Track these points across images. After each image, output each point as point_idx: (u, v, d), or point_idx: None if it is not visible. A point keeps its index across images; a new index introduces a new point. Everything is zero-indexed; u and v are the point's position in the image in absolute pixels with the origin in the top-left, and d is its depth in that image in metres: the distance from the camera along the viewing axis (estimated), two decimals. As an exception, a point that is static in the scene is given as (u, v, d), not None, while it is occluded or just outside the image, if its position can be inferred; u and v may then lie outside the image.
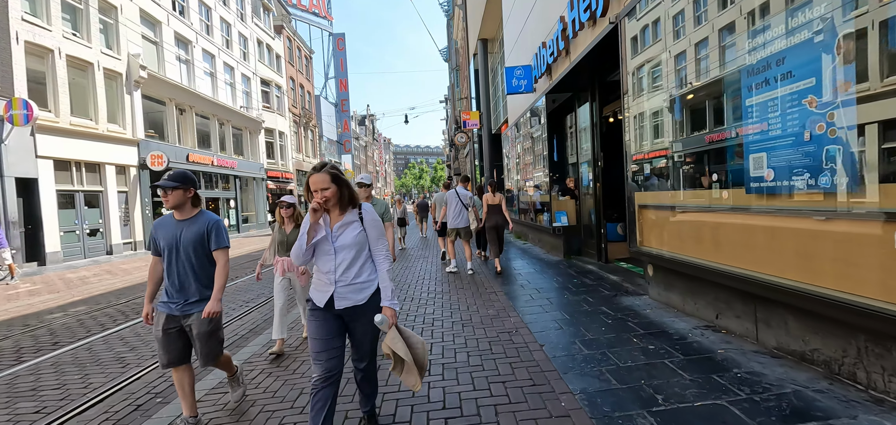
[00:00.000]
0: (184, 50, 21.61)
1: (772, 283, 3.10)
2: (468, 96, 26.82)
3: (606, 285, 5.96)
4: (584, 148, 8.28)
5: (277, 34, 34.08)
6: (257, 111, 29.10)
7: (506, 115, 18.44)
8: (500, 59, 19.58)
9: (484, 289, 6.39)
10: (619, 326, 4.15)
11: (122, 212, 16.70)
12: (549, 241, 9.49)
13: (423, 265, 9.04)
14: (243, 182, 27.31)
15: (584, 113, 8.19)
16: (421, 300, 5.98)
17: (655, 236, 4.81)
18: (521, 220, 12.31)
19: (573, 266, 7.60)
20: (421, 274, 8.04)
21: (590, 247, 8.08)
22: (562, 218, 8.57)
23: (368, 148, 75.27)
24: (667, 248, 4.54)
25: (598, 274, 6.74)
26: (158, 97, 19.29)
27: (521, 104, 11.22)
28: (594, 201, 7.66)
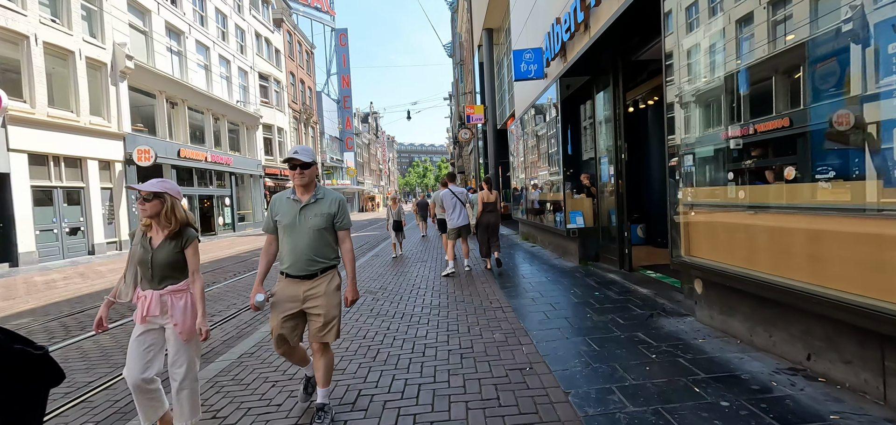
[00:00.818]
0: (176, 41, 20.73)
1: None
2: (472, 91, 25.81)
3: (636, 301, 4.94)
4: (603, 140, 7.26)
5: (277, 28, 33.19)
6: (255, 106, 28.22)
7: (512, 109, 17.43)
8: (506, 50, 18.56)
9: (488, 301, 5.39)
10: (667, 364, 3.14)
11: (106, 210, 15.83)
12: (561, 245, 8.47)
13: (419, 271, 8.05)
14: (239, 179, 26.44)
15: (603, 99, 7.16)
16: (413, 317, 4.99)
17: (708, 244, 3.79)
18: (528, 221, 11.29)
19: (592, 274, 6.58)
20: (416, 282, 7.05)
21: (610, 253, 7.05)
22: (577, 219, 7.55)
23: (371, 146, 74.37)
24: (726, 260, 3.52)
25: (624, 285, 5.72)
26: (148, 90, 18.43)
27: (530, 93, 10.20)
28: (616, 200, 6.63)
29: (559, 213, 8.06)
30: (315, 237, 2.59)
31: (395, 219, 10.36)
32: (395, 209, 10.36)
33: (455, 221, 7.39)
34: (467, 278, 7.08)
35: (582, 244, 7.49)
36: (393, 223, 10.31)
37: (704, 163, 3.96)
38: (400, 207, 10.45)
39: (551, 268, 7.37)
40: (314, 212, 2.61)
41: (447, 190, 7.51)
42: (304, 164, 2.57)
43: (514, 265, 8.07)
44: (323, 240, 2.62)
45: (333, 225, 2.67)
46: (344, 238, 2.72)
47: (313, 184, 2.67)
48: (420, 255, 10.14)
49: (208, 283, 8.60)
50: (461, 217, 7.39)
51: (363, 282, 7.30)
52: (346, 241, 2.74)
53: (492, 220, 7.38)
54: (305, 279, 2.60)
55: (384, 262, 9.31)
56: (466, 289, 6.29)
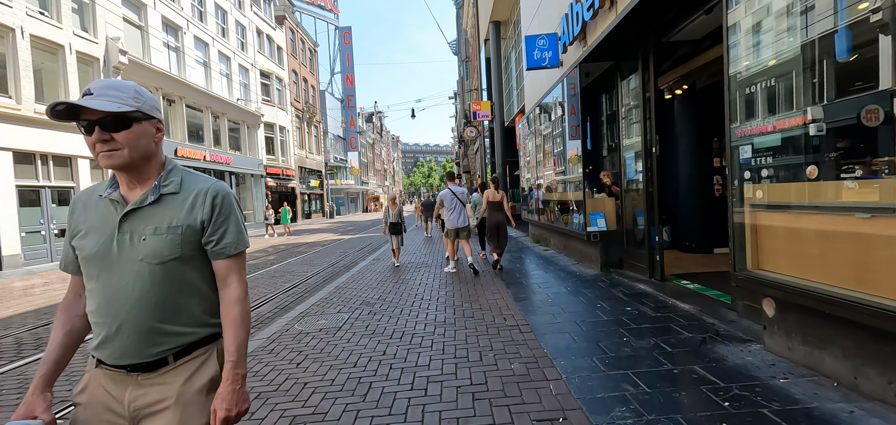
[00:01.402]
0: (173, 36, 20.15)
1: None
2: (478, 87, 25.05)
3: (679, 319, 4.15)
4: (628, 133, 6.47)
5: (279, 25, 32.62)
6: (256, 104, 27.65)
7: (521, 105, 16.63)
8: (514, 43, 17.78)
9: (501, 317, 4.64)
10: (750, 420, 2.37)
11: (99, 211, 15.21)
12: (579, 249, 7.68)
13: (423, 279, 7.30)
14: (240, 178, 25.87)
15: (630, 87, 6.38)
16: (415, 337, 4.24)
17: (788, 255, 3.01)
18: (540, 223, 10.51)
19: (618, 284, 5.80)
20: (419, 292, 6.30)
21: (636, 259, 6.26)
22: (598, 221, 6.77)
23: (376, 145, 73.80)
24: (818, 277, 2.74)
25: (659, 298, 4.94)
26: (144, 86, 17.79)
27: (544, 83, 9.42)
28: (645, 200, 5.85)
29: (578, 215, 7.28)
30: (156, 278, 1.22)
31: (392, 221, 8.68)
32: (394, 210, 8.72)
33: (453, 221, 7.37)
34: (475, 285, 6.33)
35: (604, 249, 6.71)
36: (390, 225, 8.69)
37: (781, 154, 3.17)
38: (399, 208, 8.81)
39: (569, 276, 6.59)
40: (152, 222, 1.25)
41: (447, 189, 7.56)
42: (113, 120, 1.18)
43: (526, 271, 7.30)
44: (176, 285, 1.26)
45: (203, 248, 1.31)
46: (228, 275, 1.32)
47: (154, 164, 1.32)
48: (423, 259, 9.39)
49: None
50: (461, 217, 7.38)
51: (360, 291, 6.57)
52: (231, 284, 1.32)
53: (500, 220, 7.38)
54: (141, 372, 1.23)
55: (385, 268, 8.58)
56: (475, 299, 5.53)
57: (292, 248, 14.78)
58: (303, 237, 19.76)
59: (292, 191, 33.72)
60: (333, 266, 10.26)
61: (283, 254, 13.37)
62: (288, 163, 32.27)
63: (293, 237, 20.10)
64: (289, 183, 32.64)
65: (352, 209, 56.95)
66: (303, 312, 5.55)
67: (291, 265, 10.76)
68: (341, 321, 5.04)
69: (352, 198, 57.62)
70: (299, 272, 9.59)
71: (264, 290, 7.67)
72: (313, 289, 7.54)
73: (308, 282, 8.31)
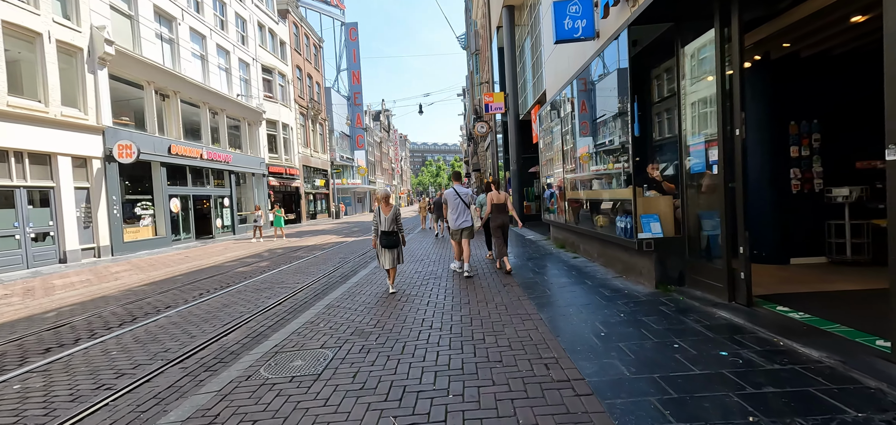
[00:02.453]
0: (166, 27, 19.05)
1: None
2: (490, 80, 23.66)
3: (818, 379, 2.78)
4: (693, 113, 5.08)
5: (282, 19, 31.53)
6: (258, 100, 26.55)
7: (538, 96, 15.25)
8: (530, 29, 16.39)
9: (540, 360, 3.30)
10: None
11: (82, 213, 14.14)
12: (621, 259, 6.30)
13: (430, 294, 5.96)
14: (240, 178, 24.77)
15: (697, 54, 4.98)
16: (419, 397, 2.92)
17: None
18: (567, 225, 9.11)
19: (688, 310, 4.41)
20: (425, 316, 4.97)
21: (705, 274, 4.87)
22: (652, 225, 5.39)
23: (383, 144, 72.70)
24: None
25: (761, 336, 3.56)
26: (134, 80, 16.75)
27: (572, 61, 8.04)
28: (724, 198, 4.45)
29: (623, 218, 5.89)
30: None
31: (384, 230, 6.13)
32: (387, 213, 6.18)
33: (455, 222, 7.25)
34: (497, 305, 4.99)
35: (660, 260, 5.32)
36: (382, 235, 6.15)
37: None
38: (395, 210, 6.23)
39: (617, 296, 5.21)
40: None
41: (451, 189, 7.39)
42: None
43: (558, 287, 5.93)
44: None
45: None
46: None
47: None
48: (432, 268, 8.05)
49: (146, 313, 6.66)
50: (463, 218, 7.23)
51: (355, 311, 5.26)
52: None
53: (503, 221, 7.31)
54: None
55: (385, 283, 7.27)
56: (500, 330, 4.19)
57: (289, 253, 13.55)
58: (304, 239, 18.56)
59: (296, 190, 32.63)
60: (329, 276, 8.98)
61: (280, 259, 12.14)
62: (291, 162, 31.15)
63: (295, 239, 18.91)
64: (292, 182, 31.54)
65: (359, 209, 55.87)
66: (277, 346, 4.27)
67: (283, 274, 9.51)
68: (322, 362, 3.74)
69: (359, 198, 56.55)
70: (289, 283, 8.33)
71: (242, 309, 6.40)
72: (299, 308, 6.25)
73: (296, 297, 7.03)
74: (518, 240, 12.04)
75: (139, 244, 16.18)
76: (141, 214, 16.76)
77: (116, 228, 15.01)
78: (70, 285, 9.56)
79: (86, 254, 14.08)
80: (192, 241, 19.40)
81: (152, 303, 7.12)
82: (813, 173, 6.10)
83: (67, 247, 13.30)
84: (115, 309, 6.87)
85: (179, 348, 4.72)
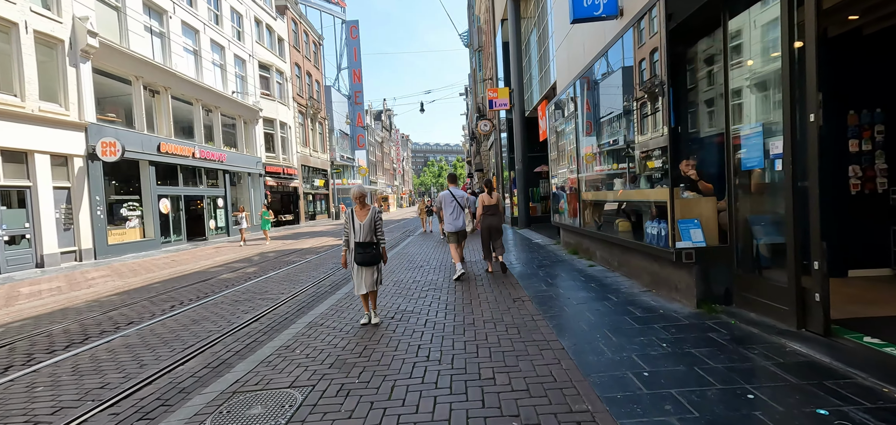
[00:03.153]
0: (157, 20, 18.29)
1: None
2: (493, 77, 22.81)
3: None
4: (748, 98, 4.22)
5: (280, 15, 30.76)
6: (254, 98, 25.78)
7: (544, 91, 14.40)
8: (536, 21, 15.53)
9: (559, 397, 2.46)
10: None
11: (62, 214, 13.36)
12: (650, 271, 5.43)
13: (428, 311, 5.11)
14: (235, 177, 24.00)
15: (754, 25, 4.12)
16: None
17: None
18: (580, 229, 8.24)
19: (747, 340, 3.55)
20: (421, 342, 4.12)
21: (765, 293, 4.00)
22: (693, 233, 4.52)
23: (384, 144, 71.94)
24: None
25: (864, 385, 2.70)
26: (121, 74, 15.99)
27: (590, 46, 7.19)
28: (791, 200, 3.59)
29: (655, 223, 5.02)
30: None
31: (359, 241, 4.66)
32: (363, 218, 4.68)
33: (450, 225, 7.20)
34: (507, 328, 4.13)
35: (703, 274, 4.45)
36: (356, 248, 4.67)
37: None
38: (374, 215, 4.73)
39: (652, 317, 4.34)
40: None
41: (448, 191, 7.31)
42: None
43: (575, 303, 5.07)
44: None
45: None
46: None
47: None
48: (432, 277, 7.20)
49: (112, 328, 5.83)
50: (458, 221, 7.17)
51: (339, 333, 4.42)
52: None
53: (494, 223, 7.25)
54: None
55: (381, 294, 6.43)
56: (514, 365, 3.34)
57: (281, 257, 12.73)
58: (299, 241, 17.75)
59: (295, 190, 31.86)
60: (319, 285, 8.15)
61: (268, 264, 11.32)
62: (289, 162, 30.36)
63: (290, 242, 18.09)
64: (291, 182, 30.76)
65: (360, 209, 55.03)
66: (238, 381, 3.44)
67: (268, 283, 8.68)
68: (288, 410, 2.90)
69: (360, 199, 55.74)
70: (273, 294, 7.50)
71: (212, 326, 5.57)
72: (277, 326, 5.41)
73: (276, 312, 6.19)
74: (525, 243, 11.19)
75: (125, 247, 15.40)
76: (128, 215, 15.98)
77: (100, 230, 14.22)
78: (36, 294, 8.76)
79: (66, 258, 13.30)
80: (183, 244, 18.62)
81: (115, 318, 6.30)
82: (875, 171, 5.22)
83: (45, 250, 12.51)
84: (69, 325, 6.04)
85: (121, 383, 3.88)
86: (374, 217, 4.75)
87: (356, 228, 4.71)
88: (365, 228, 4.70)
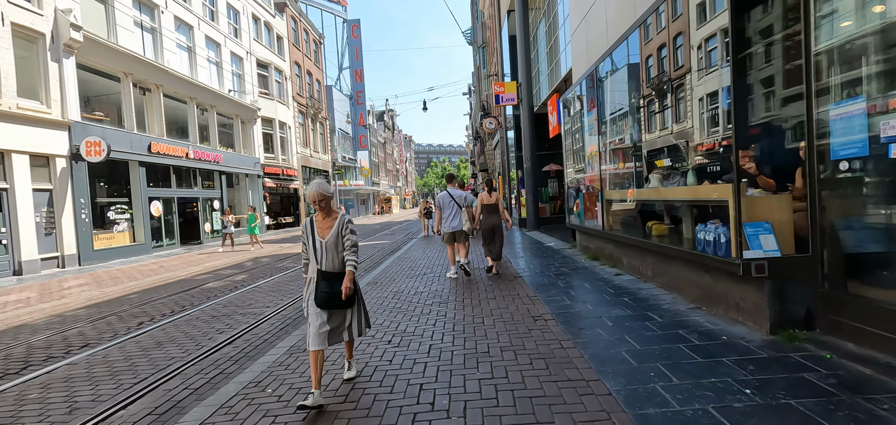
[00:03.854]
0: (148, 15, 17.53)
1: None
2: (498, 72, 21.92)
3: None
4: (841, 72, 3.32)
5: (279, 12, 30.02)
6: (252, 97, 25.02)
7: (554, 85, 13.51)
8: (545, 11, 14.65)
9: None
10: None
11: (43, 218, 12.58)
12: (699, 284, 4.53)
13: (431, 332, 4.23)
14: (232, 179, 23.23)
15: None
16: None
17: None
18: (604, 232, 7.33)
19: (866, 386, 2.65)
20: (420, 379, 3.25)
21: (871, 319, 3.09)
22: (763, 239, 3.61)
23: (387, 144, 71.18)
24: None
25: None
26: (109, 71, 15.24)
27: (614, 24, 6.30)
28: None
29: (711, 227, 4.11)
30: None
31: (325, 270, 3.05)
32: (326, 233, 3.10)
33: (446, 226, 7.08)
34: (538, 367, 3.25)
35: (778, 293, 3.55)
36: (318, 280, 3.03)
37: None
38: (342, 224, 3.13)
39: (716, 348, 3.44)
40: None
41: (446, 192, 7.20)
42: None
43: (612, 326, 4.16)
44: None
45: None
46: None
47: None
48: (437, 288, 6.31)
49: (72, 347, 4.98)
50: (454, 221, 7.03)
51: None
52: None
53: (495, 223, 7.08)
54: None
55: (374, 308, 5.56)
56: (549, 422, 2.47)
57: (274, 263, 11.89)
58: (297, 245, 16.91)
59: (295, 192, 31.09)
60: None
61: (260, 272, 10.49)
62: (289, 162, 29.59)
63: (288, 245, 17.28)
64: (290, 183, 29.98)
65: (362, 211, 54.35)
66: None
67: (255, 294, 7.85)
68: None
69: (362, 200, 55.03)
70: (257, 308, 6.65)
71: (175, 352, 4.71)
72: (251, 354, 4.55)
73: (256, 332, 5.33)
74: (537, 248, 10.29)
75: (113, 252, 14.62)
76: (116, 219, 15.20)
77: (84, 235, 13.44)
78: (11, 303, 7.95)
79: (48, 264, 12.52)
80: (176, 248, 17.85)
81: (71, 339, 5.46)
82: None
83: (23, 256, 11.74)
84: (14, 348, 5.20)
85: None
86: (341, 228, 3.11)
87: (317, 248, 3.07)
88: (329, 248, 3.06)
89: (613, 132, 6.89)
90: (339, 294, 2.99)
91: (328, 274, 3.06)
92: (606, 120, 7.09)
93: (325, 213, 3.17)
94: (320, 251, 3.09)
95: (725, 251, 3.84)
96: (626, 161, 6.50)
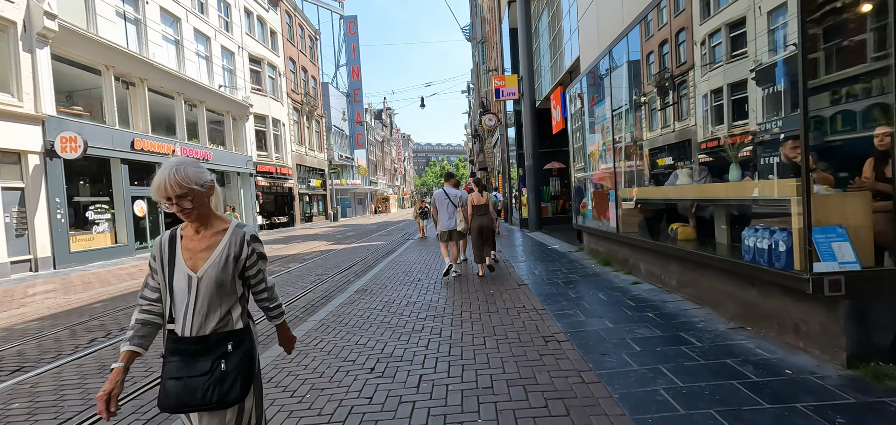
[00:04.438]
0: (131, 6, 16.75)
1: None
2: (498, 67, 21.20)
3: None
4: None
5: (273, 7, 29.24)
6: (244, 93, 24.24)
7: (557, 78, 12.80)
8: (547, 2, 13.93)
9: None
10: None
11: (14, 218, 11.81)
12: (738, 298, 3.80)
13: (423, 355, 3.50)
14: (223, 177, 22.44)
15: None
16: None
17: None
18: (619, 235, 6.60)
19: None
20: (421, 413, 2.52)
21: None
22: (837, 249, 2.88)
23: (385, 143, 70.40)
24: None
25: None
26: (89, 63, 14.44)
27: (628, 3, 5.57)
28: None
29: (764, 231, 3.38)
30: None
31: (187, 337, 1.50)
32: (201, 265, 1.53)
33: (443, 224, 7.12)
34: (558, 416, 2.53)
35: (857, 315, 2.82)
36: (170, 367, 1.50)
37: None
38: (229, 256, 1.55)
39: (778, 385, 2.72)
40: None
41: (442, 190, 7.27)
42: None
43: (639, 350, 3.42)
44: None
45: None
46: None
47: None
48: (430, 298, 5.58)
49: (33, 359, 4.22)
50: (450, 221, 7.08)
51: (307, 385, 2.81)
52: None
53: (485, 223, 6.99)
54: None
55: (368, 310, 4.82)
56: None
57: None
58: (288, 246, 16.18)
59: (289, 191, 30.32)
60: (293, 304, 6.55)
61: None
62: (283, 161, 28.82)
63: (280, 246, 16.53)
64: (285, 182, 29.21)
65: (359, 211, 53.57)
66: None
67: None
68: None
69: (359, 199, 54.26)
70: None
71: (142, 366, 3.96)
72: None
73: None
74: (540, 251, 9.57)
75: (92, 254, 13.84)
76: (96, 219, 14.42)
77: (60, 236, 12.67)
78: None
79: (19, 268, 11.75)
80: (161, 249, 17.06)
81: (4, 360, 4.71)
82: None
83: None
84: (-63, 372, 4.46)
85: None
86: (235, 255, 1.59)
87: (176, 290, 1.53)
88: (206, 290, 1.52)
89: (627, 125, 6.17)
90: (219, 381, 1.46)
91: (196, 342, 1.51)
92: (621, 110, 6.36)
93: (199, 224, 1.58)
94: (184, 296, 1.52)
95: (785, 262, 3.10)
96: (648, 156, 5.78)
